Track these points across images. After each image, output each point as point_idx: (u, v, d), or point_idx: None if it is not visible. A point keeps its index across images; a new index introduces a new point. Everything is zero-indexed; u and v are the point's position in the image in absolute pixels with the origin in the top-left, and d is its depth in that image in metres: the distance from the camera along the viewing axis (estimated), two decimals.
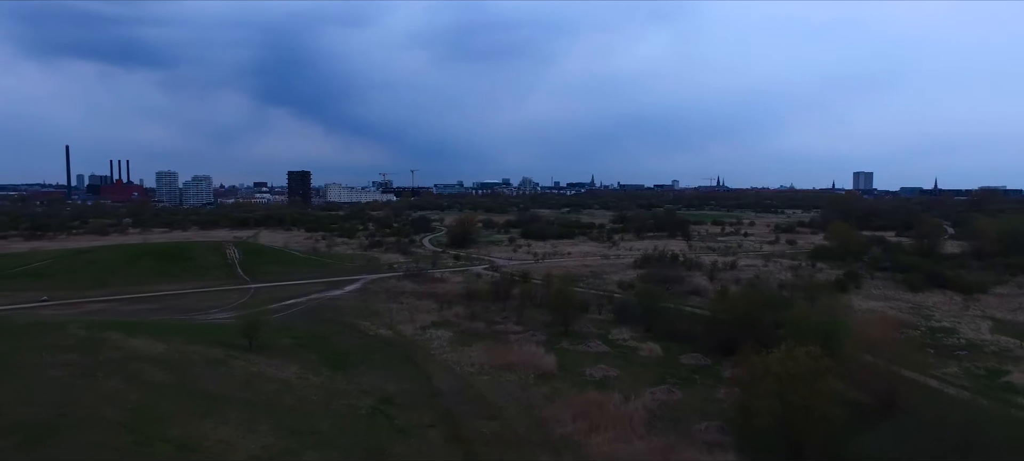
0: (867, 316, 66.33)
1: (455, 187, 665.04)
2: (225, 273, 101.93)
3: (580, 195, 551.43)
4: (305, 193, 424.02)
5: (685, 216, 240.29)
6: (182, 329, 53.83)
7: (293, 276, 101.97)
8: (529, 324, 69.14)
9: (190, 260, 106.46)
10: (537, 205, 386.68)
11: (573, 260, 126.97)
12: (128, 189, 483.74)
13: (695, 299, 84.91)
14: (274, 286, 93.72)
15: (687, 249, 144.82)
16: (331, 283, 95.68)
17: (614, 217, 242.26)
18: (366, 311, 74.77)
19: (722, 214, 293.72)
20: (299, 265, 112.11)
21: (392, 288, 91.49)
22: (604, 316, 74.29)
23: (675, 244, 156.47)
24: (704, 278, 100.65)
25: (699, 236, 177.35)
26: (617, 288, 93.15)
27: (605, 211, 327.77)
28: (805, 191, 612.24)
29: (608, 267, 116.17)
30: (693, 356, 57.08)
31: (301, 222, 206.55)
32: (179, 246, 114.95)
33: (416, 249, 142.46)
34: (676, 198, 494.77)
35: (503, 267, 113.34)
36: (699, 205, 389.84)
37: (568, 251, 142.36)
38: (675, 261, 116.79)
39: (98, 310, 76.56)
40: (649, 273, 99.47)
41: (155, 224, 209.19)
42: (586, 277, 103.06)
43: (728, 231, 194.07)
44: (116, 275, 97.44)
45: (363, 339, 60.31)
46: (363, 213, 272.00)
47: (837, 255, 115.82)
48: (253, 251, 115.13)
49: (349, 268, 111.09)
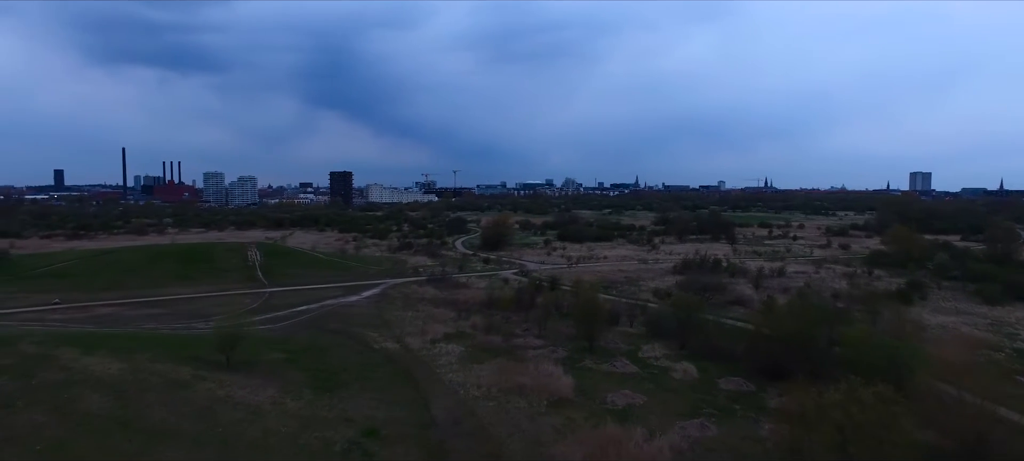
0: (941, 335, 57.41)
1: (497, 188, 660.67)
2: (244, 276, 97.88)
3: (623, 196, 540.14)
4: (346, 193, 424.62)
5: (730, 218, 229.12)
6: (157, 342, 48.84)
7: (313, 280, 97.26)
8: (551, 337, 62.29)
9: (210, 262, 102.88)
10: (578, 206, 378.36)
11: (608, 264, 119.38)
12: (179, 189, 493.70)
13: (738, 310, 76.70)
14: (290, 290, 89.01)
15: (731, 253, 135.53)
16: (350, 288, 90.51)
17: (656, 218, 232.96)
18: (377, 320, 69.02)
19: (769, 216, 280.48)
20: (322, 268, 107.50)
21: (411, 294, 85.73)
22: (635, 329, 66.89)
23: (718, 248, 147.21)
24: (749, 286, 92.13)
25: (744, 239, 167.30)
26: (652, 296, 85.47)
27: (648, 212, 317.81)
28: (857, 192, 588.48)
29: (645, 272, 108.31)
30: (734, 380, 49.36)
31: (335, 223, 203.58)
32: (201, 248, 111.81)
33: (446, 252, 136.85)
34: (722, 199, 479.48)
35: (533, 272, 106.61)
36: (746, 206, 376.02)
37: (604, 254, 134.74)
38: (717, 267, 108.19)
39: (105, 314, 72.83)
40: (688, 280, 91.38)
41: (194, 224, 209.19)
42: (620, 283, 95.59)
43: (776, 234, 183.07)
44: (134, 277, 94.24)
45: (364, 354, 54.40)
46: (401, 214, 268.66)
47: (897, 261, 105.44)
48: (276, 253, 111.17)
49: (373, 272, 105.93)
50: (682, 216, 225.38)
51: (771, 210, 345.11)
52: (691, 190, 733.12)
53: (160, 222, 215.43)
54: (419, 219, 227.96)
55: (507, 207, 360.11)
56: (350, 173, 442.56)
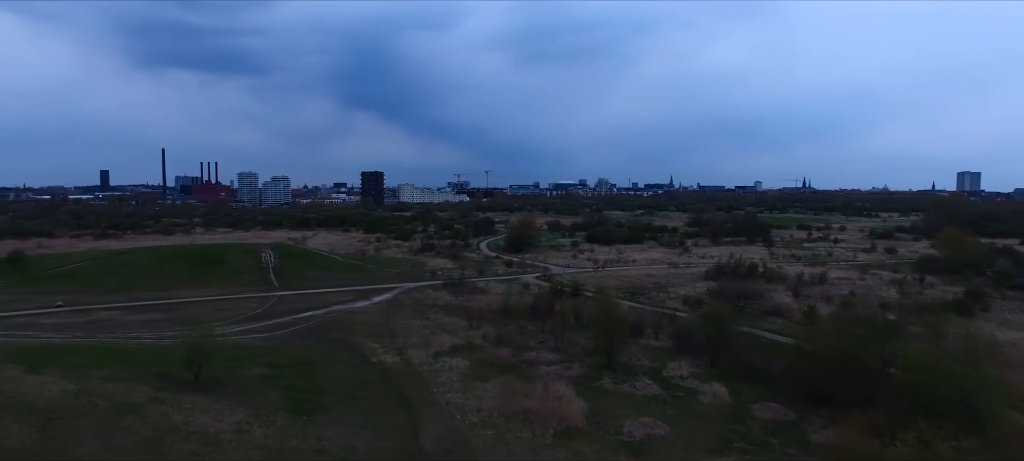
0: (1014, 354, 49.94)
1: (530, 188, 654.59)
2: (256, 279, 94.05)
3: (657, 197, 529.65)
4: (378, 193, 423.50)
5: (766, 219, 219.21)
6: (124, 356, 44.35)
7: (326, 283, 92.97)
8: (568, 351, 56.45)
9: (223, 264, 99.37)
10: (611, 207, 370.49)
11: (636, 269, 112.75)
12: (216, 190, 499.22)
13: (776, 321, 69.80)
14: (299, 294, 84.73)
15: (768, 257, 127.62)
16: (362, 292, 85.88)
17: (689, 220, 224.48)
18: (383, 329, 64.04)
19: (808, 217, 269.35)
20: (337, 270, 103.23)
21: (424, 300, 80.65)
22: (661, 342, 60.62)
23: (754, 251, 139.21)
24: (787, 294, 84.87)
25: (782, 242, 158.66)
26: (681, 305, 78.87)
27: (681, 213, 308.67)
28: (900, 193, 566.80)
29: (675, 278, 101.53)
30: (771, 407, 42.91)
31: (361, 223, 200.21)
32: (215, 249, 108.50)
33: (469, 254, 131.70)
34: (758, 200, 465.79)
35: (555, 276, 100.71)
36: (783, 208, 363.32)
37: (633, 258, 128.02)
38: (753, 272, 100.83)
39: (103, 319, 69.32)
40: (721, 287, 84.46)
41: (223, 224, 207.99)
42: (647, 290, 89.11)
43: (815, 237, 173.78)
44: (144, 279, 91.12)
45: (359, 368, 49.33)
46: (430, 214, 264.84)
47: (951, 267, 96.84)
48: (291, 255, 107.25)
49: (389, 275, 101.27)
50: (716, 217, 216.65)
51: (810, 211, 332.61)
52: (727, 190, 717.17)
53: (189, 222, 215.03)
54: (446, 220, 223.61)
55: (538, 207, 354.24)
56: (381, 173, 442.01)
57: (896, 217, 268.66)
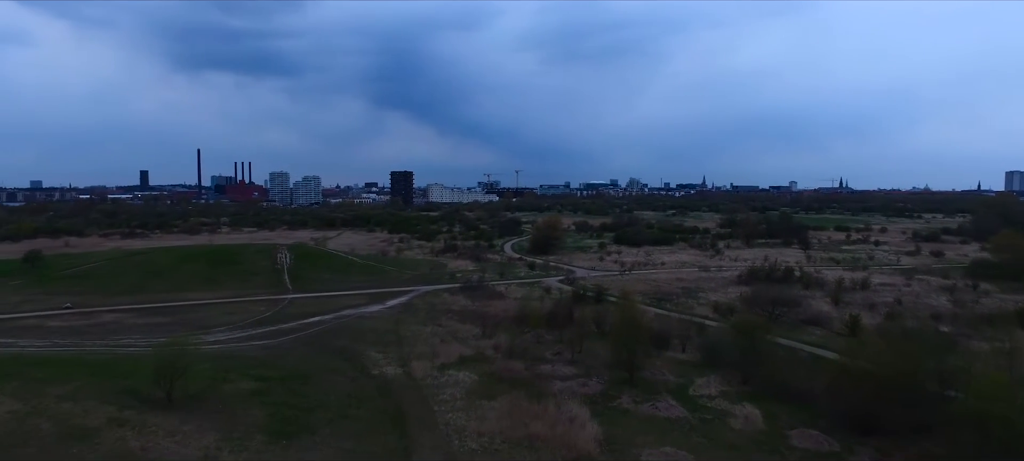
0: None
1: (560, 188, 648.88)
2: (269, 281, 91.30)
3: (689, 197, 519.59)
4: (407, 193, 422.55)
5: (802, 220, 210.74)
6: (95, 370, 40.96)
7: (340, 286, 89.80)
8: (586, 364, 51.87)
9: (238, 265, 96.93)
10: (641, 207, 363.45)
11: (665, 272, 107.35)
12: (249, 189, 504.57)
13: (815, 332, 64.07)
14: (311, 298, 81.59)
15: (805, 261, 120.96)
16: (376, 296, 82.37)
17: (721, 220, 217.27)
18: (391, 336, 60.18)
19: (846, 218, 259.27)
20: (354, 272, 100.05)
21: (439, 305, 76.72)
22: (688, 355, 55.60)
23: (790, 254, 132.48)
24: (827, 301, 78.89)
25: (819, 244, 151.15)
26: (712, 312, 73.51)
27: (714, 214, 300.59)
28: (943, 193, 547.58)
29: (706, 282, 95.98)
30: (810, 434, 37.78)
31: (386, 223, 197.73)
32: (231, 250, 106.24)
33: (492, 256, 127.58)
34: (793, 200, 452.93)
35: (579, 280, 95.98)
36: (819, 208, 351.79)
37: (662, 260, 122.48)
38: (789, 276, 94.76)
39: (107, 322, 66.93)
40: (755, 293, 78.88)
41: (249, 223, 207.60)
42: (675, 296, 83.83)
43: (855, 239, 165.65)
44: (158, 280, 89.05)
45: (357, 382, 45.44)
46: (457, 214, 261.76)
47: (1008, 273, 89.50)
48: (308, 256, 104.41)
49: (407, 277, 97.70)
50: (749, 218, 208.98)
51: (847, 212, 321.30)
52: (761, 191, 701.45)
53: (217, 221, 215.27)
54: (473, 220, 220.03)
55: (567, 208, 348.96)
56: (410, 173, 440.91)
57: (940, 218, 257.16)
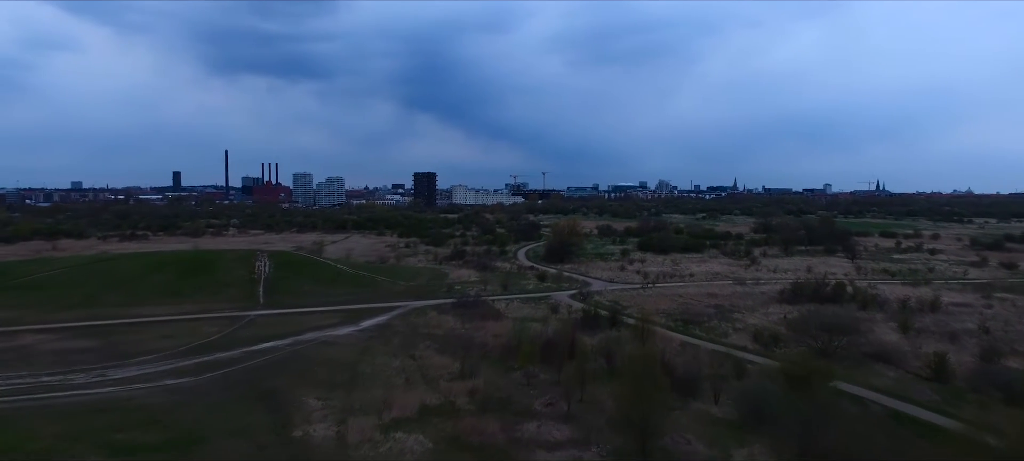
0: None
1: (588, 190, 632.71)
2: (241, 293, 79.67)
3: (720, 200, 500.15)
4: (430, 194, 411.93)
5: (844, 225, 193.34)
6: None
7: (319, 300, 77.80)
8: (585, 421, 38.70)
9: (210, 274, 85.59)
10: (670, 210, 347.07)
11: (694, 285, 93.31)
12: (275, 190, 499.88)
13: (886, 374, 49.66)
14: (278, 315, 69.68)
15: (854, 273, 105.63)
16: (354, 313, 70.15)
17: (755, 225, 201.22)
18: (344, 374, 47.64)
19: (890, 223, 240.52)
20: (340, 284, 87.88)
21: (422, 327, 64.02)
22: (723, 411, 41.88)
23: (836, 264, 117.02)
24: (891, 326, 64.23)
25: (867, 253, 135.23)
26: (752, 341, 59.43)
27: (746, 217, 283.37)
28: (989, 196, 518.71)
29: (742, 299, 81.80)
30: None
31: (398, 226, 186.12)
32: (208, 257, 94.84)
33: (501, 264, 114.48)
34: (830, 204, 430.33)
35: (594, 295, 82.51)
36: (859, 212, 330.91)
37: (691, 270, 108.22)
38: (840, 293, 79.98)
39: (25, 345, 55.75)
40: (803, 316, 64.57)
41: (259, 225, 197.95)
42: (706, 317, 69.79)
43: (906, 246, 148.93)
44: (112, 292, 78.04)
45: (263, 452, 32.77)
46: (477, 217, 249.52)
47: None
48: (291, 265, 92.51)
49: (398, 290, 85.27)
50: (786, 223, 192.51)
51: (890, 216, 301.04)
52: (794, 193, 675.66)
53: (226, 223, 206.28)
54: (491, 223, 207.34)
55: (593, 210, 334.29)
56: (434, 174, 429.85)
57: (994, 223, 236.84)
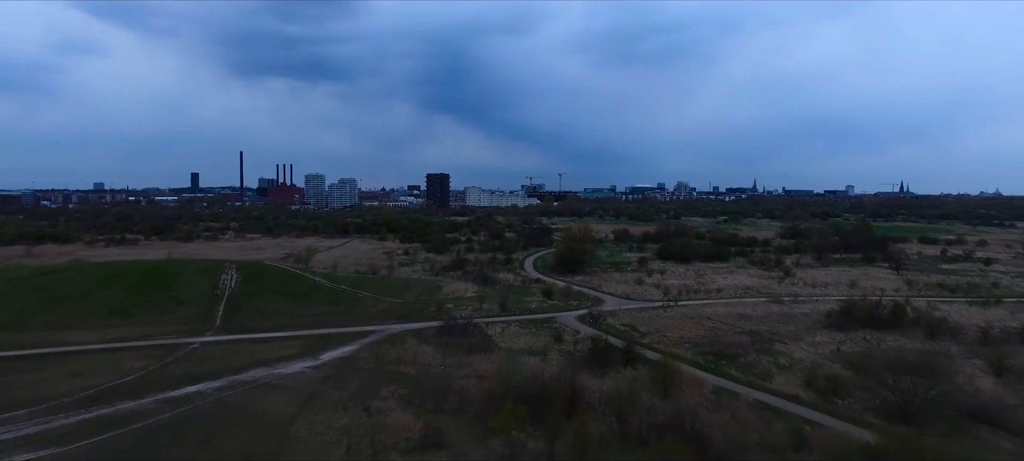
0: None
1: (605, 192, 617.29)
2: (197, 312, 67.89)
3: (740, 202, 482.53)
4: (443, 196, 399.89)
5: (878, 230, 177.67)
6: None
7: (287, 321, 65.87)
8: None
9: (169, 289, 73.99)
10: (690, 212, 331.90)
11: (722, 303, 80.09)
12: (290, 191, 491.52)
13: (1001, 445, 36.22)
14: (227, 343, 57.79)
15: (905, 288, 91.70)
16: (318, 341, 58.11)
17: (782, 230, 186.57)
18: (270, 440, 35.49)
19: (924, 227, 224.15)
20: (315, 301, 75.77)
21: (393, 361, 51.66)
22: None
23: (879, 276, 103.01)
24: (977, 366, 50.62)
25: (911, 262, 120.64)
26: (804, 388, 46.16)
27: (770, 221, 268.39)
28: (1020, 198, 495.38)
29: (781, 322, 68.55)
30: None
31: (402, 230, 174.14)
32: (169, 268, 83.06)
33: (504, 275, 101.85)
34: (854, 206, 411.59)
35: (605, 317, 69.66)
36: (887, 215, 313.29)
37: (718, 284, 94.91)
38: (899, 316, 66.34)
39: None
40: (866, 353, 51.29)
41: (259, 228, 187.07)
42: (741, 349, 56.60)
43: (952, 255, 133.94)
44: (49, 310, 66.62)
45: None
46: (488, 220, 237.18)
47: None
48: (261, 278, 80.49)
49: (380, 309, 73.06)
50: (818, 228, 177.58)
51: (922, 219, 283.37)
52: (815, 195, 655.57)
53: (225, 226, 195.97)
54: (501, 227, 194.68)
55: (610, 212, 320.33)
56: (447, 176, 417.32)
57: None
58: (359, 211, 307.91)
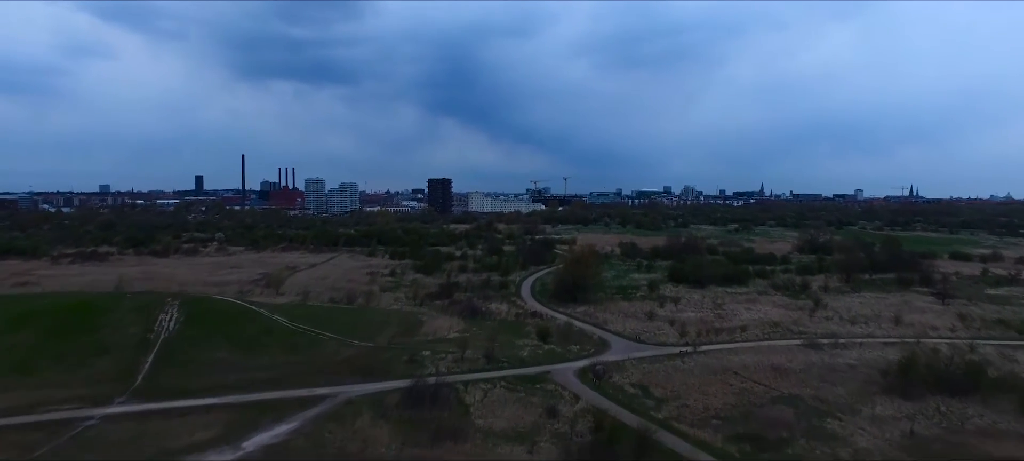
0: None
1: (611, 196, 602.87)
2: (117, 366, 55.39)
3: (748, 207, 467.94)
4: (445, 201, 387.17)
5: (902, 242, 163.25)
6: None
7: (224, 378, 53.36)
8: None
9: (93, 332, 61.71)
10: (698, 218, 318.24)
11: (750, 348, 66.99)
12: (292, 195, 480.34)
13: None
14: (136, 416, 45.35)
15: (960, 324, 78.50)
16: (251, 413, 45.66)
17: (799, 242, 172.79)
18: None
19: (951, 239, 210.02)
20: (267, 347, 62.78)
21: (336, 453, 38.98)
22: None
23: (923, 307, 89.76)
24: None
25: (947, 282, 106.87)
26: None
27: (782, 229, 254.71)
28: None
29: (826, 379, 55.66)
30: None
31: (395, 243, 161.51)
32: (97, 305, 70.04)
33: (498, 305, 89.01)
34: (866, 211, 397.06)
35: (614, 371, 56.82)
36: (904, 222, 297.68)
37: (740, 316, 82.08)
38: (978, 378, 53.14)
39: None
40: (946, 435, 38.29)
41: (245, 240, 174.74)
42: (783, 426, 43.41)
43: (995, 275, 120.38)
44: None
45: None
46: (489, 228, 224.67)
47: None
48: (207, 316, 67.50)
49: (340, 360, 60.24)
50: (841, 242, 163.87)
51: (941, 227, 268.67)
52: (824, 199, 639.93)
53: (211, 235, 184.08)
54: (500, 239, 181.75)
55: (615, 219, 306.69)
56: (448, 181, 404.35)
57: None
58: (358, 217, 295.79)
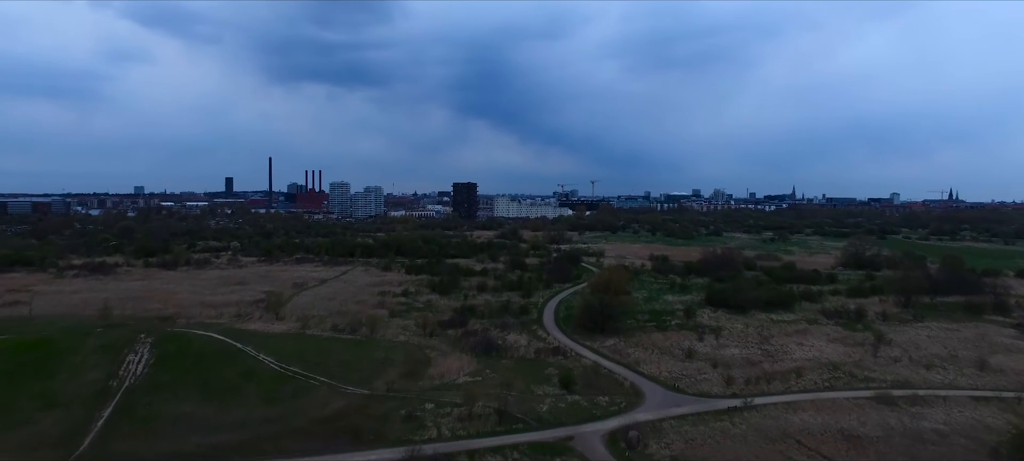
0: None
1: (639, 199, 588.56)
2: (67, 425, 47.10)
3: (781, 212, 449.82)
4: (470, 206, 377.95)
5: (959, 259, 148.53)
6: None
7: (188, 443, 44.68)
8: None
9: (48, 377, 53.62)
10: (730, 226, 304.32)
11: (808, 399, 56.06)
12: (318, 198, 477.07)
13: None
14: None
15: None
16: None
17: (844, 256, 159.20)
18: None
19: (1009, 251, 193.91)
20: (245, 397, 53.88)
21: None
22: None
23: (1004, 345, 77.51)
24: None
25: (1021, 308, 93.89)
26: None
27: (821, 240, 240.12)
28: None
29: (912, 454, 44.70)
30: None
31: (414, 254, 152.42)
32: (60, 343, 61.48)
33: (516, 336, 79.22)
34: (906, 218, 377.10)
35: (649, 436, 46.55)
36: (951, 231, 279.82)
37: (792, 355, 71.14)
38: None
39: None
40: None
41: (260, 251, 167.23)
42: None
43: None
44: None
45: None
46: (513, 236, 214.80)
47: None
48: (182, 358, 58.78)
49: (323, 418, 51.12)
50: (897, 259, 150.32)
51: (994, 237, 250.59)
52: (859, 203, 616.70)
53: (226, 245, 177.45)
54: (524, 250, 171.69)
55: (645, 225, 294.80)
56: (474, 185, 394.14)
57: None
58: (380, 222, 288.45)
